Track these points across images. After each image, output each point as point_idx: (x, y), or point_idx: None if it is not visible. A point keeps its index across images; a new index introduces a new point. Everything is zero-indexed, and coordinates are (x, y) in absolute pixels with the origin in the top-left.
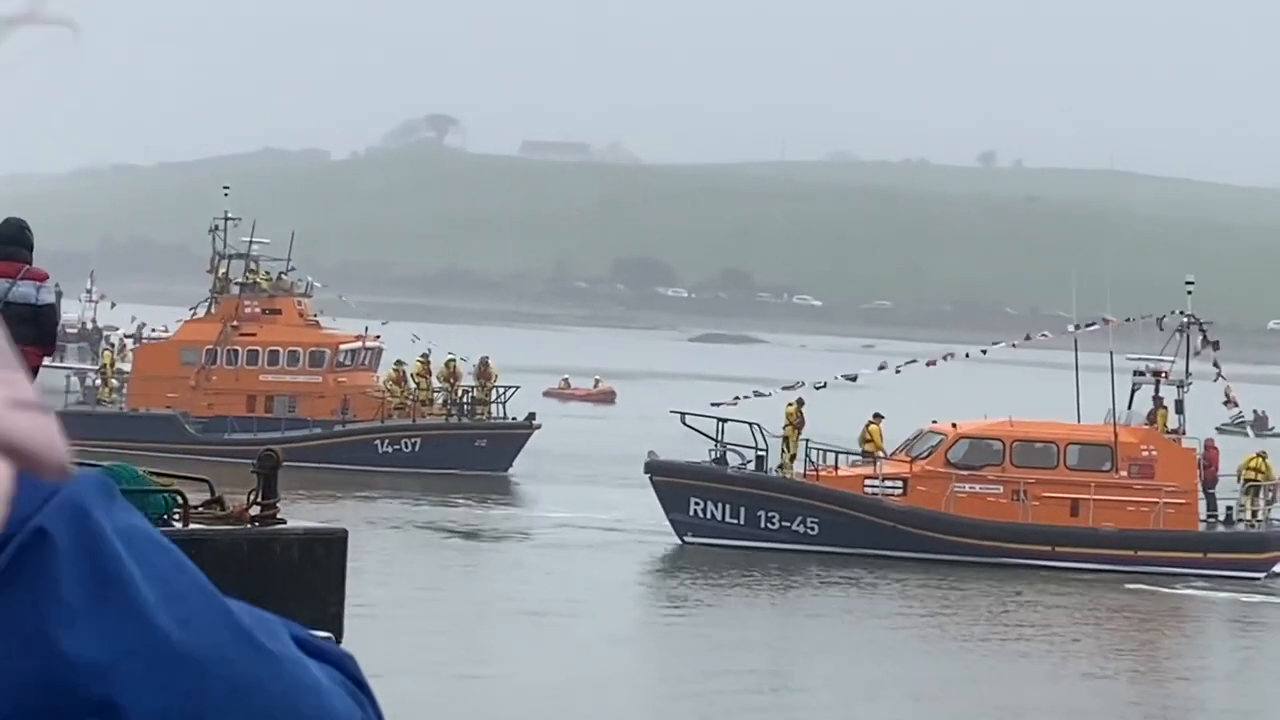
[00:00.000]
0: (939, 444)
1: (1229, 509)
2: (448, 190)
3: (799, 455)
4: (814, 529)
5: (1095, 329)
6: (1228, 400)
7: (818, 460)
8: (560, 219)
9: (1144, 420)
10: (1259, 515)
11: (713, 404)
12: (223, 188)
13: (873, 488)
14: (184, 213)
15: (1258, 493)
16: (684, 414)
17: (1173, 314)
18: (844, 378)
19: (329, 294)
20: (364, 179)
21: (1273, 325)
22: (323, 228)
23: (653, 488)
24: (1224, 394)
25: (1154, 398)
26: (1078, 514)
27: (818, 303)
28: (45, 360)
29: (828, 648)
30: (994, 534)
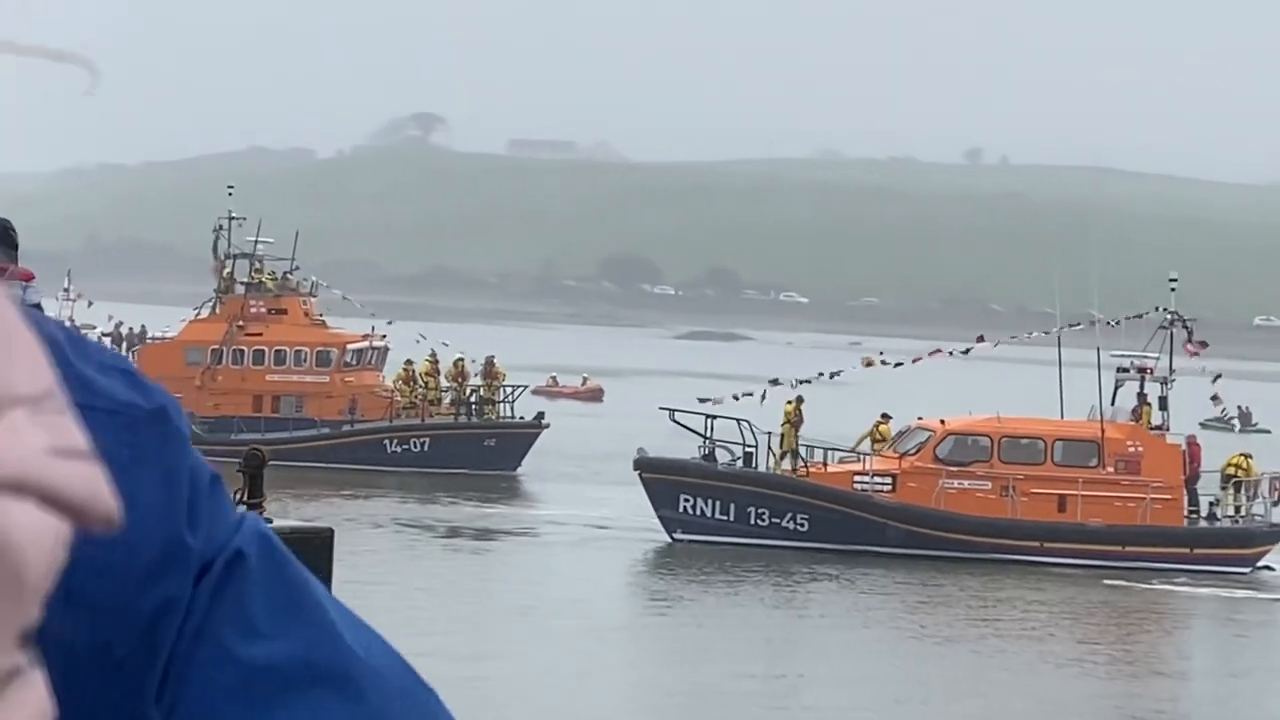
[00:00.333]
0: (927, 440)
1: (1211, 504)
2: (434, 189)
3: (799, 454)
4: (804, 525)
5: (1080, 328)
6: (1216, 398)
7: (806, 457)
8: (547, 217)
9: (1129, 416)
10: (1241, 510)
11: (700, 399)
12: (227, 187)
13: (862, 484)
14: (171, 212)
15: (1239, 488)
16: (673, 411)
17: (1156, 310)
18: (828, 375)
19: (331, 293)
20: (350, 178)
21: (1259, 321)
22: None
23: (642, 485)
24: (1214, 393)
25: (1138, 394)
26: (1065, 510)
27: (804, 300)
28: None
29: (815, 644)
30: (984, 530)
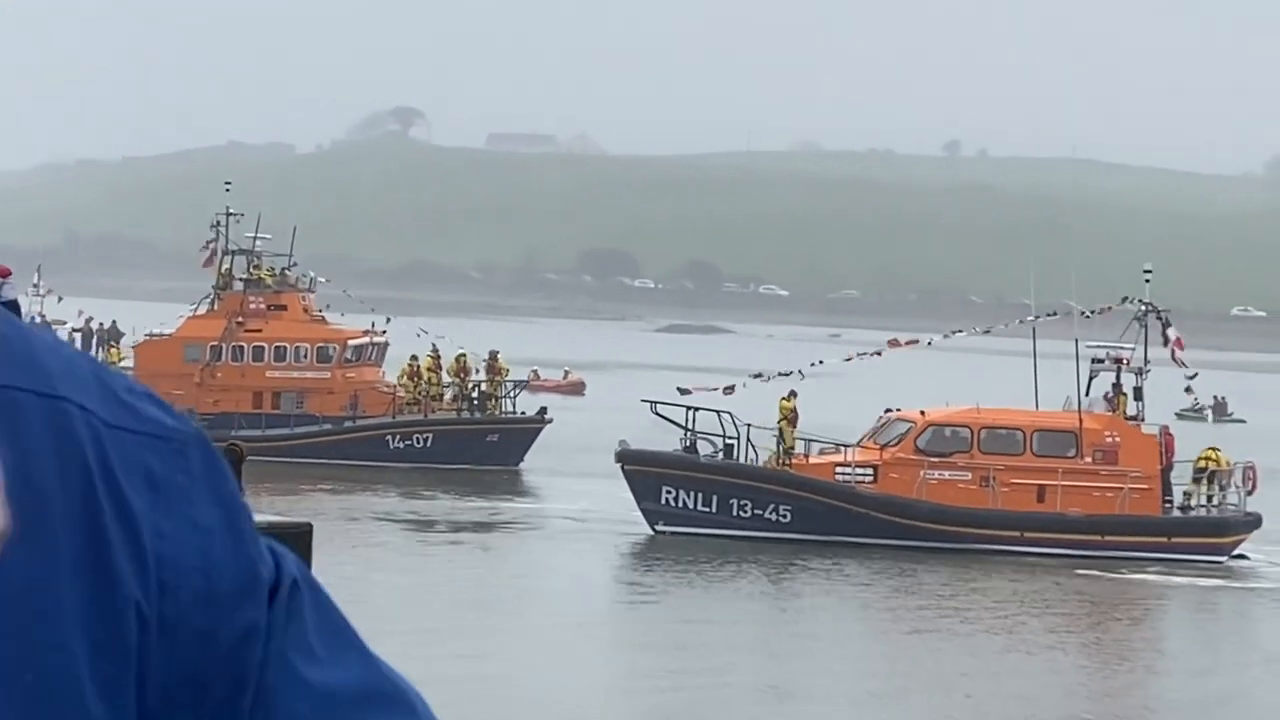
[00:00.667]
0: (908, 431)
1: (1185, 494)
2: (414, 183)
3: (796, 449)
4: (786, 517)
5: (1055, 318)
6: (1189, 389)
7: (806, 451)
8: (527, 211)
9: (1103, 407)
10: (1214, 500)
11: (679, 389)
12: (225, 183)
13: (844, 475)
14: (150, 208)
15: (1211, 479)
16: (654, 403)
17: (1130, 301)
18: (810, 364)
19: (331, 289)
20: (330, 172)
21: (1236, 312)
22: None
23: (624, 477)
24: (1188, 384)
25: (1114, 384)
26: (1044, 500)
27: (784, 293)
28: None
29: (798, 635)
30: (967, 520)
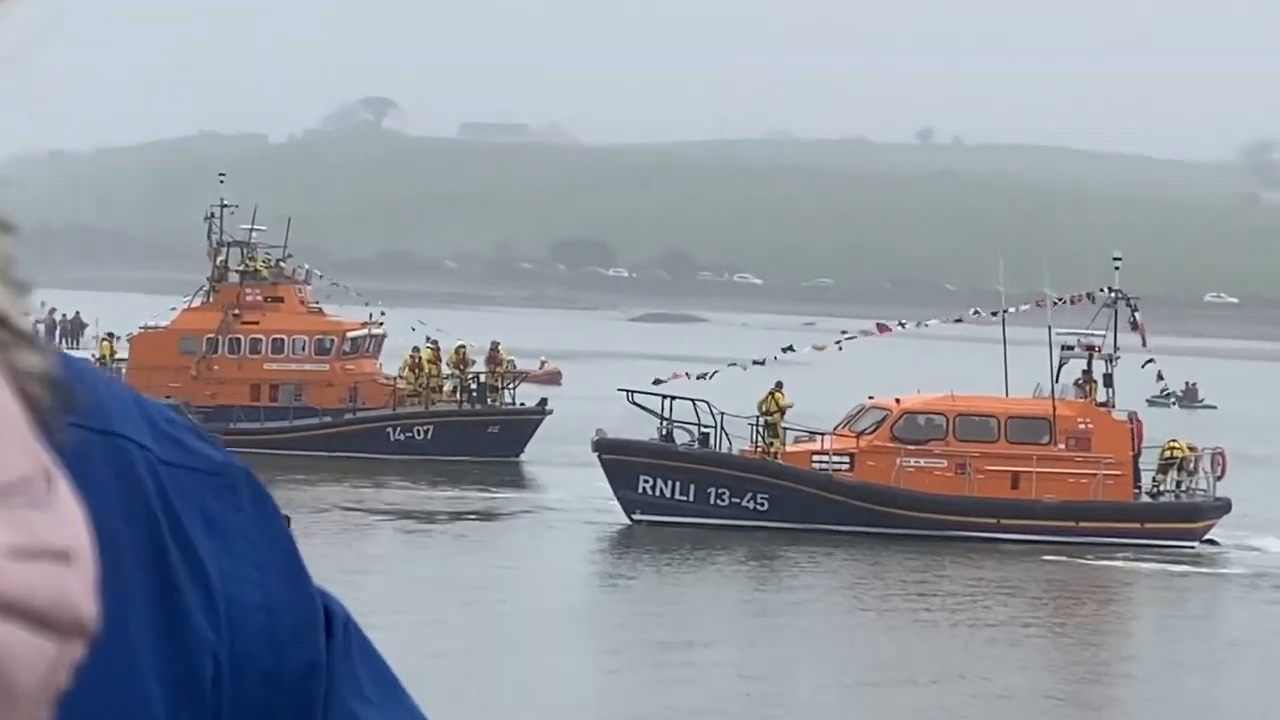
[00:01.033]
0: (884, 419)
1: (1154, 480)
2: (387, 173)
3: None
4: (764, 505)
5: (1026, 308)
6: (1160, 375)
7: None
8: (500, 200)
9: (1077, 393)
10: (1183, 486)
11: (655, 380)
12: (218, 175)
13: (821, 463)
14: (121, 199)
15: (1178, 466)
16: (631, 392)
17: (1101, 290)
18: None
19: (321, 281)
20: (303, 162)
21: (1209, 298)
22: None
23: (601, 466)
24: (1157, 373)
25: (1084, 371)
26: (1018, 486)
27: (758, 281)
28: None
29: (777, 622)
30: (944, 508)
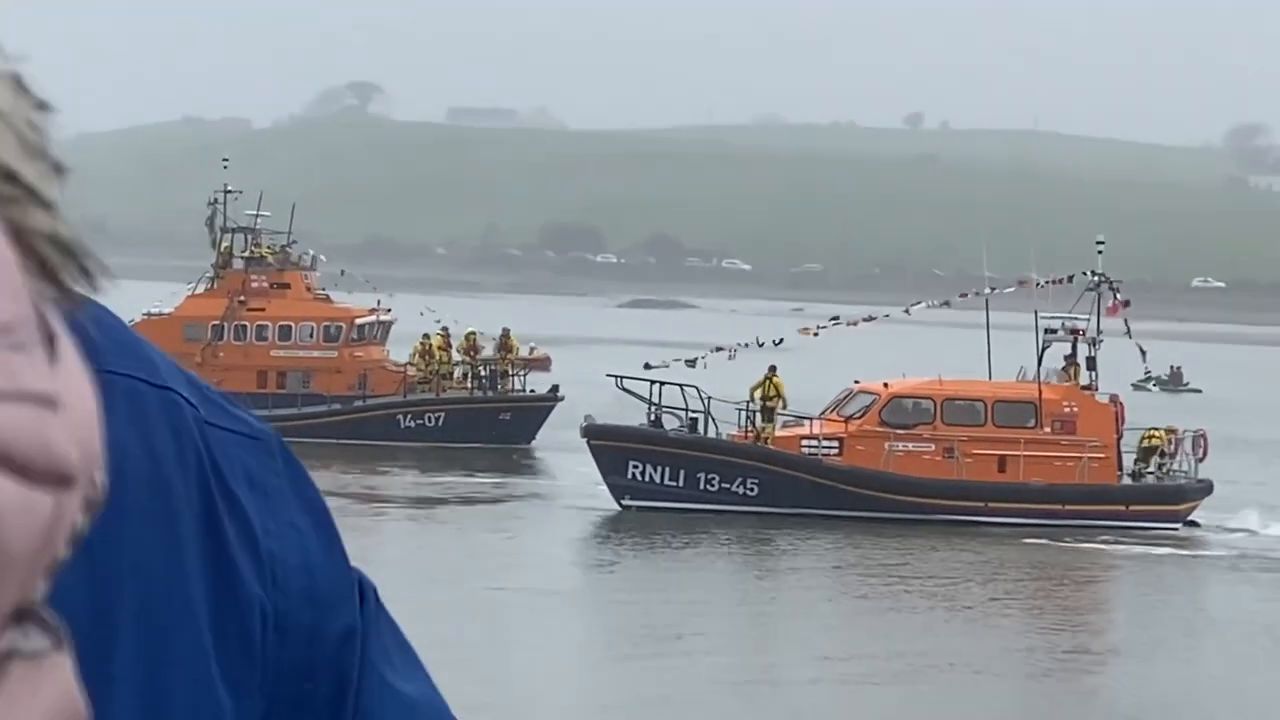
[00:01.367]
0: (872, 403)
1: (1136, 462)
2: (373, 158)
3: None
4: (754, 490)
5: (1010, 290)
6: (1144, 358)
7: (753, 421)
8: (488, 186)
9: (1059, 377)
10: (1165, 469)
11: (646, 366)
12: (222, 160)
13: (810, 448)
14: (104, 184)
15: (1158, 453)
16: (620, 378)
17: (1083, 274)
18: (771, 342)
19: (329, 268)
20: (287, 148)
21: (1196, 283)
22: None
23: (590, 452)
24: (1140, 354)
25: (1067, 355)
26: (1005, 470)
27: (747, 267)
28: None
29: (770, 606)
30: (933, 491)
